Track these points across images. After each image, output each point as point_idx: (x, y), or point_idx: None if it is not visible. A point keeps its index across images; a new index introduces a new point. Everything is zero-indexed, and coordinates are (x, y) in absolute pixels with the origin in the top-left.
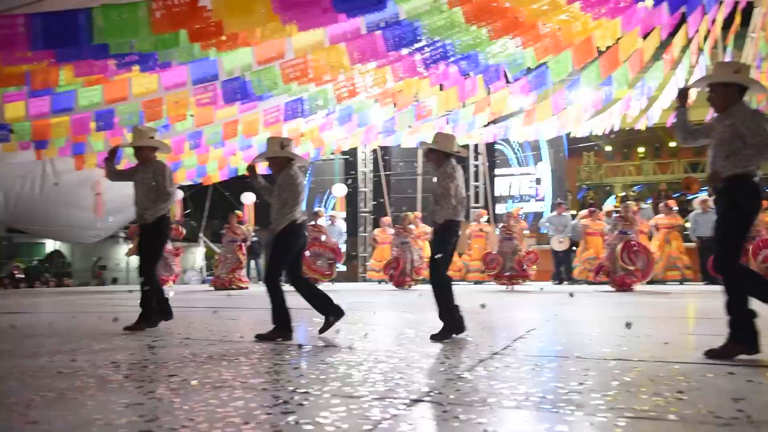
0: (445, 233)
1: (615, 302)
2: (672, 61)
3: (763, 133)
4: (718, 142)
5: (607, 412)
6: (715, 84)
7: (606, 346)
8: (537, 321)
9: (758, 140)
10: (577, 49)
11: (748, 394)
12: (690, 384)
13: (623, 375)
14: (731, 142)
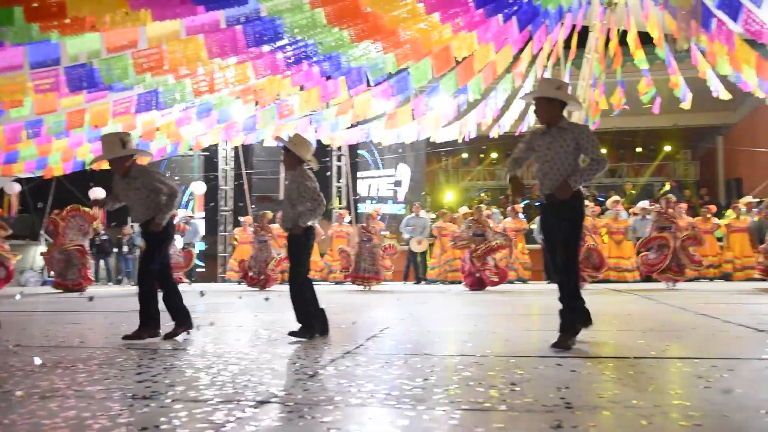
0: (308, 237)
1: (467, 301)
2: (521, 75)
3: (599, 150)
4: (555, 156)
5: (446, 405)
6: (541, 98)
7: (453, 343)
8: (391, 320)
9: (599, 156)
10: (437, 57)
11: (571, 383)
12: (523, 376)
13: (465, 370)
14: (575, 157)
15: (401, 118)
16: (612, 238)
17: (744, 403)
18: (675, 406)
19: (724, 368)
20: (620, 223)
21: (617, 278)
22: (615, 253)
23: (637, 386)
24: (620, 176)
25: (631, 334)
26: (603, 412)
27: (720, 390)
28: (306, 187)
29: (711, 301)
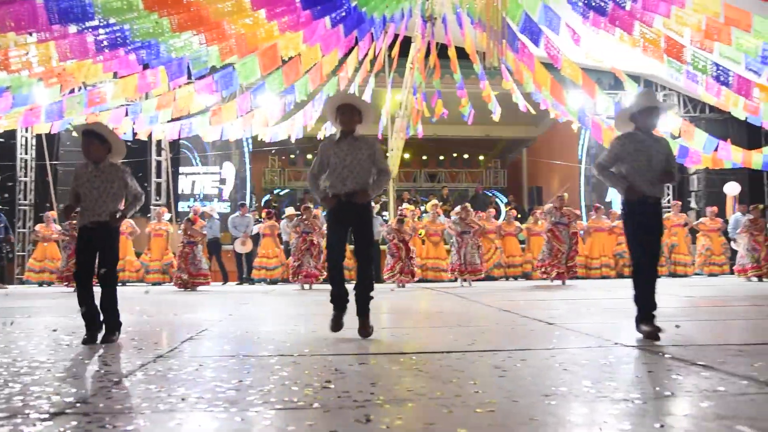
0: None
1: (294, 301)
2: (347, 79)
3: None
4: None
5: (259, 406)
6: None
7: (272, 343)
8: (210, 321)
9: (386, 167)
10: (263, 55)
11: (382, 378)
12: (338, 374)
13: (282, 370)
14: (370, 167)
15: (226, 115)
16: (430, 239)
17: (532, 389)
18: (473, 395)
19: (518, 359)
20: (438, 225)
21: (434, 278)
22: (433, 254)
23: (442, 379)
24: (439, 181)
25: (442, 330)
26: (409, 404)
27: (512, 378)
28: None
29: (513, 298)
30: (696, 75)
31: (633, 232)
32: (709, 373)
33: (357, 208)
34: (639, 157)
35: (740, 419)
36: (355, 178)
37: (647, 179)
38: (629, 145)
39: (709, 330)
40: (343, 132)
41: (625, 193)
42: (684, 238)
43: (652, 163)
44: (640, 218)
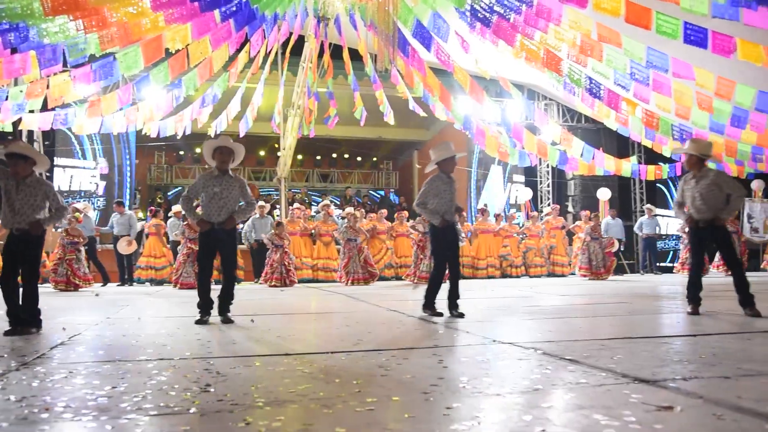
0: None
1: (175, 303)
2: (237, 75)
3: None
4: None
5: (132, 413)
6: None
7: (151, 347)
8: (85, 325)
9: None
10: (147, 46)
11: (265, 380)
12: (219, 377)
13: (159, 374)
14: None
15: (106, 107)
16: (321, 240)
17: (411, 386)
18: (355, 395)
19: (401, 357)
20: (329, 226)
21: (325, 278)
22: (324, 254)
23: (326, 379)
24: (331, 181)
25: (329, 331)
26: (291, 406)
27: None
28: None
29: (402, 298)
30: (573, 87)
31: (440, 247)
32: (575, 367)
33: (226, 234)
34: (445, 194)
35: (597, 408)
36: (228, 209)
37: (450, 210)
38: (439, 184)
39: (579, 326)
40: (219, 169)
41: (439, 222)
42: (562, 240)
43: (453, 197)
44: (444, 237)
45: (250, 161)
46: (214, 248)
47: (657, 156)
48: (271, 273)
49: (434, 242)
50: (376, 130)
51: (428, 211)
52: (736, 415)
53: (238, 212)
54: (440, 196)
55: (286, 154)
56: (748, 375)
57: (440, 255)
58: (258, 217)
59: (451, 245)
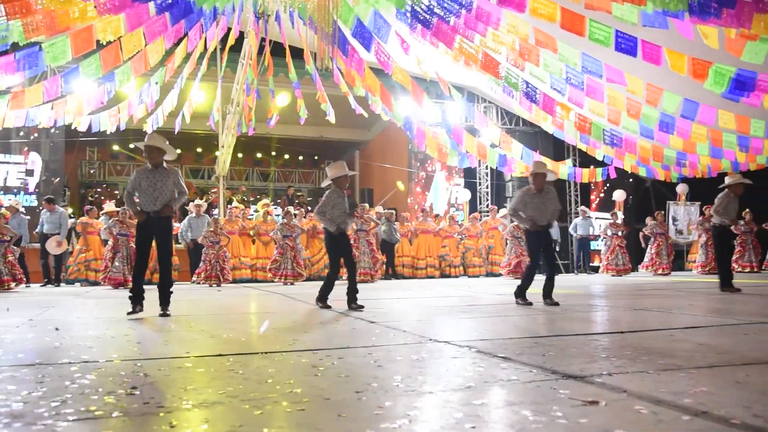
0: None
1: (106, 304)
2: (173, 70)
3: (183, 186)
4: (162, 187)
5: (49, 419)
6: (153, 147)
7: (75, 349)
8: (5, 327)
9: (184, 190)
10: (76, 36)
11: (195, 381)
12: (146, 379)
13: (82, 378)
14: (173, 190)
15: (30, 99)
16: (260, 239)
17: (344, 386)
18: (287, 395)
19: (336, 357)
20: (268, 225)
21: (264, 278)
22: (263, 254)
23: (257, 380)
24: (272, 180)
25: (267, 331)
26: (220, 407)
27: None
28: None
29: (341, 297)
30: (511, 90)
31: (335, 251)
32: (507, 364)
33: (162, 222)
34: (339, 206)
35: (526, 404)
36: (162, 199)
37: (344, 220)
38: (335, 197)
39: (513, 324)
40: (151, 164)
41: (334, 229)
42: (500, 240)
43: (346, 209)
44: (338, 242)
45: (188, 159)
46: (151, 234)
47: (591, 159)
48: (207, 271)
49: (328, 245)
50: (318, 129)
51: (326, 220)
52: (656, 407)
53: (173, 201)
54: (336, 207)
55: (225, 152)
56: (668, 369)
57: (334, 257)
58: (194, 216)
59: (345, 249)
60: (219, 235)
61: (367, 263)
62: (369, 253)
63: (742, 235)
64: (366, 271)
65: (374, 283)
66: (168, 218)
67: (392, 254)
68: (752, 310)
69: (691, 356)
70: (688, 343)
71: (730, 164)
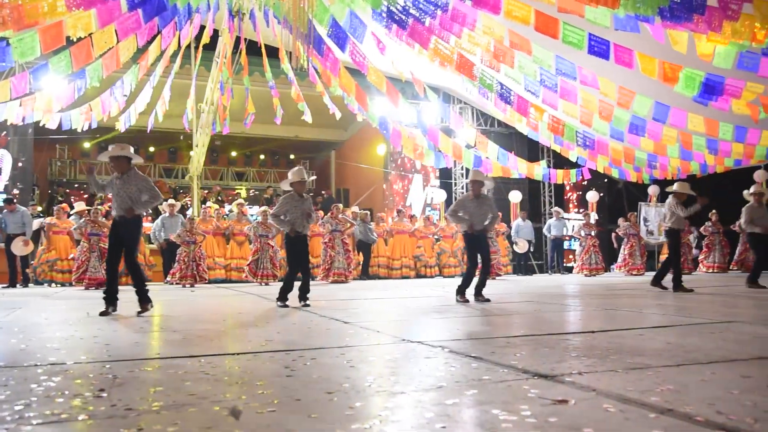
0: None
1: (74, 306)
2: (147, 68)
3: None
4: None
5: (12, 422)
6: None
7: (42, 351)
8: None
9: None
10: (45, 32)
11: (165, 383)
12: (115, 381)
13: (48, 380)
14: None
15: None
16: (234, 239)
17: (316, 387)
18: (258, 396)
19: (309, 358)
20: (243, 224)
21: (239, 278)
22: (237, 254)
23: (228, 381)
24: (247, 180)
25: (237, 331)
26: (190, 409)
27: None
28: None
29: (315, 298)
30: (486, 91)
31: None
32: (479, 364)
33: (129, 225)
34: (296, 210)
35: (496, 404)
36: (126, 204)
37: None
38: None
39: (486, 324)
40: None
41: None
42: None
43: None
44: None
45: (162, 158)
46: (120, 236)
47: (565, 161)
48: (182, 271)
49: (287, 247)
50: (293, 129)
51: (285, 223)
52: (623, 406)
53: (140, 204)
54: (291, 211)
55: (199, 151)
56: (636, 368)
57: (292, 258)
58: (168, 215)
59: (303, 250)
60: (194, 234)
61: (342, 263)
62: (344, 254)
63: (710, 236)
64: (341, 271)
65: (349, 284)
66: (133, 221)
67: (369, 254)
68: (718, 309)
69: (659, 355)
70: (656, 342)
71: (698, 166)
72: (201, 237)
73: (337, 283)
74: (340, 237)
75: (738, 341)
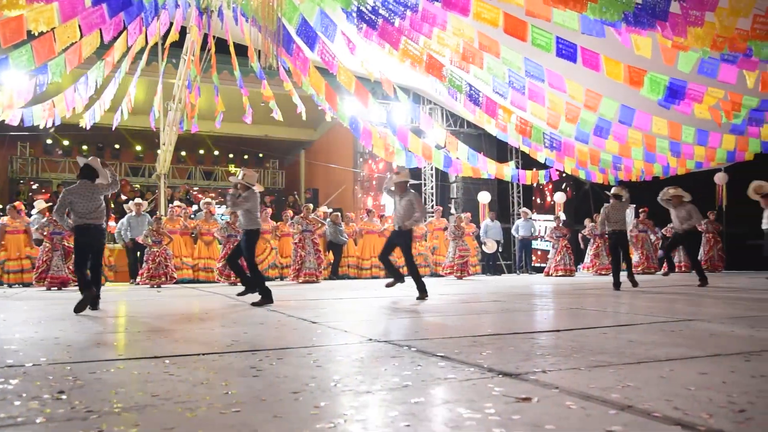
0: None
1: (38, 304)
2: (113, 64)
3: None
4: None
5: None
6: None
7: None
8: None
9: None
10: (4, 26)
11: (126, 384)
12: (75, 383)
13: (6, 383)
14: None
15: None
16: (202, 239)
17: (282, 387)
18: (222, 397)
19: (275, 358)
20: (211, 224)
21: (206, 278)
22: (205, 254)
23: (192, 382)
24: (215, 179)
25: (203, 332)
26: (152, 411)
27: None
28: None
29: (284, 298)
30: (456, 92)
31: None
32: (445, 363)
33: (96, 233)
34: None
35: (461, 402)
36: (95, 212)
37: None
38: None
39: (454, 324)
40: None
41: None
42: (444, 241)
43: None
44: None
45: (128, 156)
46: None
47: (533, 162)
48: (150, 271)
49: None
50: (263, 128)
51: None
52: (585, 403)
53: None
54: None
55: (166, 149)
56: (599, 366)
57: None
58: (134, 215)
59: None
60: (161, 234)
61: (313, 264)
62: (314, 254)
63: (637, 234)
64: (311, 271)
65: (319, 284)
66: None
67: (339, 255)
68: (678, 309)
69: (620, 353)
70: (618, 340)
71: (661, 168)
72: (167, 238)
73: (308, 284)
74: (310, 237)
75: (695, 339)
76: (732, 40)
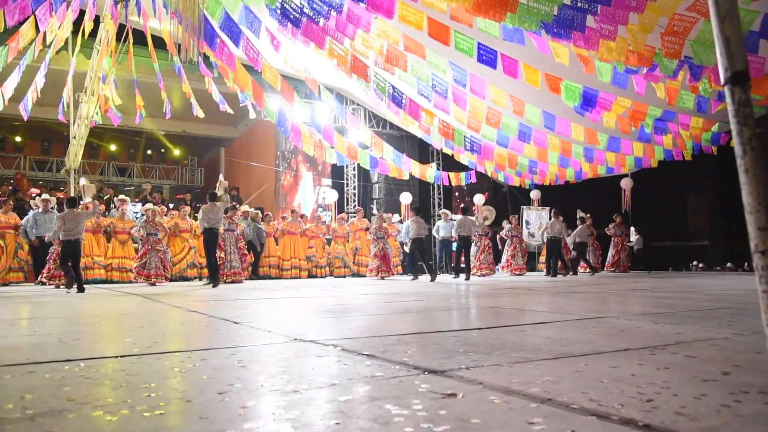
0: None
1: None
2: (17, 50)
3: None
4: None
5: None
6: None
7: None
8: None
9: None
10: None
11: (39, 390)
12: None
13: None
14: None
15: None
16: (117, 237)
17: (207, 388)
18: (144, 399)
19: (198, 358)
20: (126, 223)
21: (120, 278)
22: (119, 253)
23: (111, 385)
24: (130, 176)
25: (120, 334)
26: (68, 416)
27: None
28: None
29: (204, 298)
30: (380, 94)
31: None
32: (371, 361)
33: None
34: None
35: (389, 399)
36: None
37: None
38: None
39: (377, 323)
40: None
41: None
42: (366, 241)
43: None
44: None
45: (34, 149)
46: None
47: (455, 164)
48: (50, 271)
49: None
50: (181, 124)
51: None
52: (507, 397)
53: None
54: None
55: (77, 143)
56: (519, 362)
57: None
58: (41, 211)
59: None
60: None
61: (237, 264)
62: (237, 252)
63: None
64: (237, 271)
65: (243, 284)
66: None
67: (258, 254)
68: (590, 306)
69: (538, 349)
70: (536, 337)
71: (574, 173)
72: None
73: (234, 283)
74: (233, 236)
75: (606, 335)
76: (640, 56)
